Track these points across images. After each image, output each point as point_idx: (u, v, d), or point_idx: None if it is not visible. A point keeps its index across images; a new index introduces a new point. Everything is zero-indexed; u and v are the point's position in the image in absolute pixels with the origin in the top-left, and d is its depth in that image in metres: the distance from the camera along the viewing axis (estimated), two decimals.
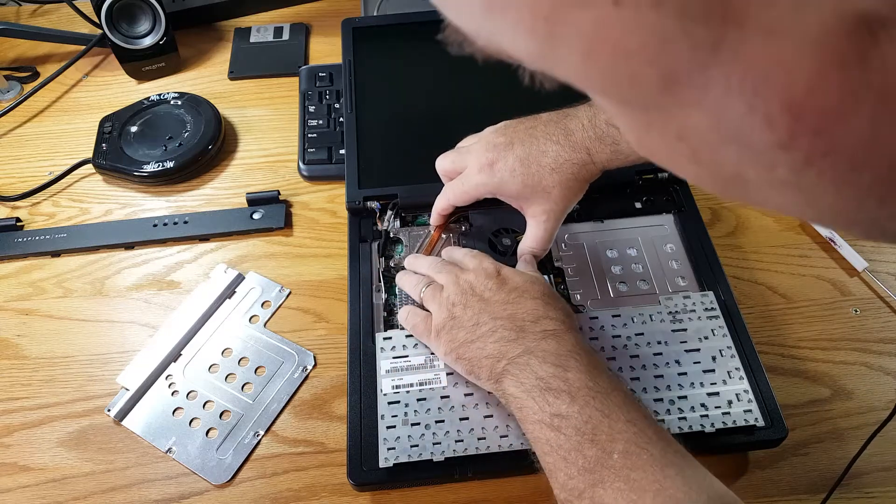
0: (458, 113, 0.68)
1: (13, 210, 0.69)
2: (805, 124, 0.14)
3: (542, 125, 0.53)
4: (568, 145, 0.51)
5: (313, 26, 0.86)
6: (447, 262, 0.54)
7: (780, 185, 0.16)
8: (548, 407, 0.41)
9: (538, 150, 0.51)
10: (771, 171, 0.16)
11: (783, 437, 0.49)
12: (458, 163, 0.55)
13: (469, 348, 0.47)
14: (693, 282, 0.57)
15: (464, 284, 0.50)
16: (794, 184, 0.16)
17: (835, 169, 0.15)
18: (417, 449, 0.47)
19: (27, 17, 0.88)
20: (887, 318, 0.59)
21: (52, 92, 0.79)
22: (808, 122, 0.14)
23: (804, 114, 0.14)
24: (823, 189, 0.16)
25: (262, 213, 0.66)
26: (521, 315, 0.46)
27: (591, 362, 0.43)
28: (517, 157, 0.52)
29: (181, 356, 0.57)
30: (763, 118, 0.14)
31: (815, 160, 0.15)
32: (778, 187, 0.17)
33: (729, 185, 0.18)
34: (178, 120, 0.72)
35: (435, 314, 0.50)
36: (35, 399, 0.56)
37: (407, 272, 0.55)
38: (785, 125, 0.14)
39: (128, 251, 0.65)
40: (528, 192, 0.52)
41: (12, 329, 0.60)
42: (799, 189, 0.16)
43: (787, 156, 0.15)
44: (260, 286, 0.62)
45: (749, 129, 0.15)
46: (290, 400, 0.55)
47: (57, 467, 0.52)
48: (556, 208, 0.52)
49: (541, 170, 0.51)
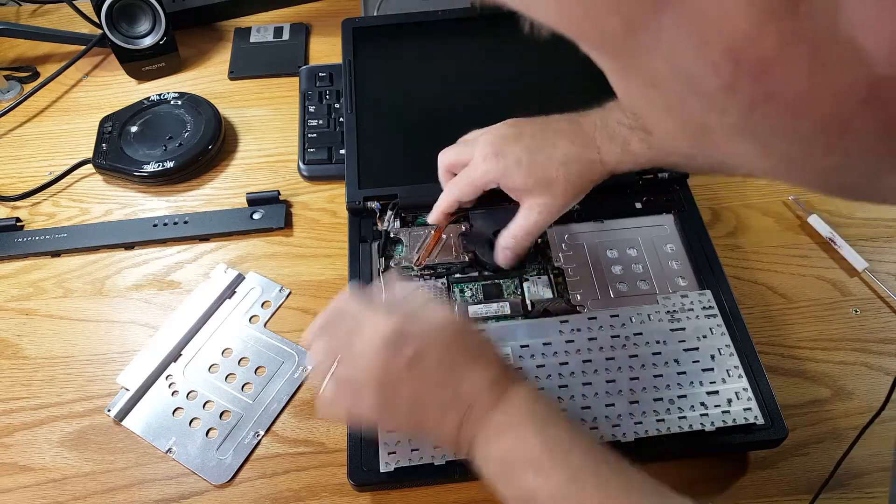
0: (459, 113, 0.68)
1: (13, 210, 0.69)
2: (745, 69, 0.15)
3: (553, 122, 0.52)
4: (579, 142, 0.50)
5: (313, 26, 0.86)
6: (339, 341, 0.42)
7: (735, 132, 0.18)
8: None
9: (549, 143, 0.51)
10: (724, 116, 0.17)
11: (783, 436, 0.49)
12: (464, 154, 0.54)
13: (416, 426, 0.42)
14: (693, 282, 0.57)
15: (365, 370, 0.40)
16: (745, 129, 0.18)
17: (778, 114, 0.16)
18: (418, 452, 0.47)
19: (27, 17, 0.88)
20: (887, 318, 0.59)
21: (52, 92, 0.79)
22: (748, 67, 0.15)
23: (743, 59, 0.15)
24: (771, 135, 0.17)
25: (262, 213, 0.66)
26: (443, 379, 0.40)
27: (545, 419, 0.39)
28: (525, 148, 0.51)
29: (181, 356, 0.57)
30: (710, 63, 0.16)
31: (758, 104, 0.16)
32: (735, 135, 0.18)
33: (698, 136, 0.20)
34: (178, 120, 0.72)
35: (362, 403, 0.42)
36: (35, 399, 0.56)
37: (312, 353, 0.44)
38: (728, 70, 0.16)
39: (128, 251, 0.65)
40: (532, 184, 0.51)
41: (12, 329, 0.60)
42: (752, 135, 0.18)
43: (733, 99, 0.16)
44: (260, 286, 0.62)
45: (699, 73, 0.16)
46: (290, 400, 0.55)
47: (57, 467, 0.52)
48: (554, 203, 0.51)
49: (548, 162, 0.50)
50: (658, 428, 0.48)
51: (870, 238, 0.63)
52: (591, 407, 0.49)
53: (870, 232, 0.64)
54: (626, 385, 0.50)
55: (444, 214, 0.56)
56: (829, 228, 0.63)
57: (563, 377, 0.50)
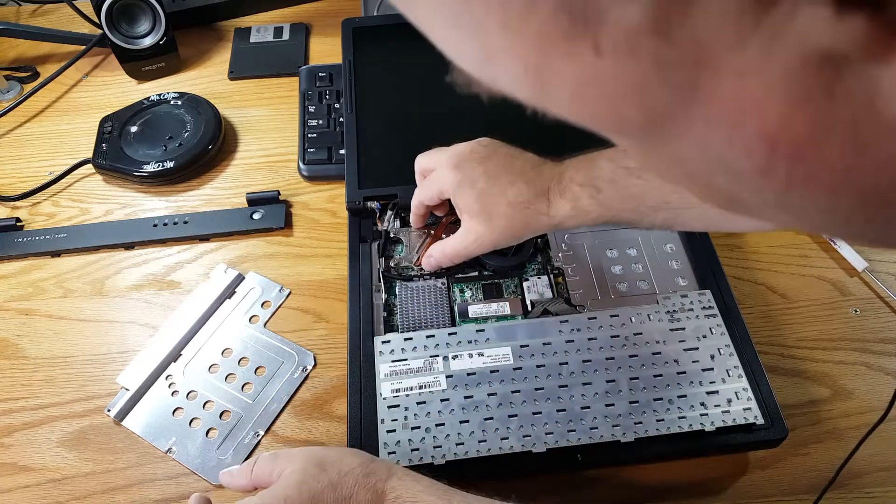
0: (458, 113, 0.68)
1: (13, 210, 0.69)
2: (780, 153, 0.15)
3: (521, 159, 0.53)
4: (533, 190, 0.51)
5: (313, 26, 0.86)
6: None
7: (771, 206, 0.18)
8: None
9: (507, 179, 0.51)
10: (759, 195, 0.17)
11: (783, 436, 0.49)
12: (433, 159, 0.55)
13: None
14: (693, 282, 0.57)
15: None
16: (782, 205, 0.17)
17: (816, 194, 0.16)
18: (418, 453, 0.47)
19: (27, 17, 0.88)
20: (887, 318, 0.59)
21: (52, 92, 0.79)
22: (783, 151, 0.15)
23: (778, 144, 0.15)
24: (810, 211, 0.17)
25: (262, 213, 0.66)
26: None
27: None
28: (485, 172, 0.51)
29: (181, 356, 0.57)
30: (742, 149, 0.16)
31: (795, 185, 0.16)
32: (771, 207, 0.18)
33: (731, 205, 0.20)
34: (178, 120, 0.72)
35: None
36: (35, 399, 0.56)
37: None
38: (763, 155, 0.15)
39: (128, 251, 0.65)
40: (476, 209, 0.51)
41: (12, 329, 0.60)
42: (788, 210, 0.18)
43: (768, 182, 0.16)
44: (260, 286, 0.62)
45: (732, 158, 0.16)
46: (290, 400, 0.55)
47: (57, 467, 0.52)
48: (490, 236, 0.52)
49: (499, 196, 0.51)
50: (658, 428, 0.48)
51: None
52: (591, 407, 0.49)
53: None
54: (626, 385, 0.50)
55: (416, 216, 0.58)
56: None
57: (563, 377, 0.50)
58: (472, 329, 0.53)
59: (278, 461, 0.42)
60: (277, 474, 0.41)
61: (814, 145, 0.15)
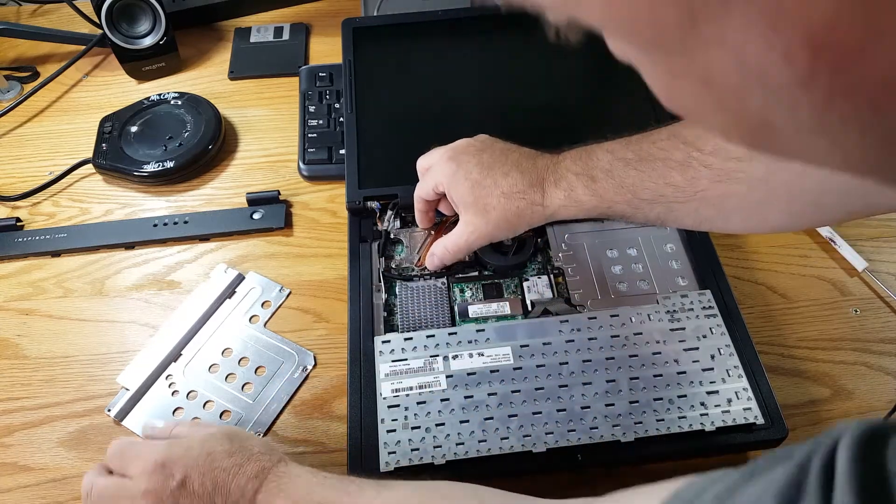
0: (458, 113, 0.68)
1: (13, 210, 0.69)
2: (824, 60, 0.14)
3: (515, 152, 0.53)
4: (527, 180, 0.51)
5: (313, 26, 0.86)
6: (109, 485, 0.44)
7: (805, 130, 0.16)
8: None
9: (502, 169, 0.51)
10: (794, 114, 0.16)
11: (783, 436, 0.49)
12: (431, 155, 0.56)
13: None
14: (693, 282, 0.57)
15: (146, 502, 0.42)
16: (817, 127, 0.16)
17: (857, 110, 0.15)
18: (418, 452, 0.47)
19: (27, 17, 0.88)
20: (887, 318, 0.59)
21: (52, 92, 0.79)
22: (828, 57, 0.14)
23: (823, 49, 0.14)
24: (847, 131, 0.16)
25: (263, 213, 0.66)
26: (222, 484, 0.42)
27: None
28: (480, 163, 0.52)
29: (181, 356, 0.57)
30: (782, 54, 0.14)
31: (836, 97, 0.15)
32: (804, 132, 0.17)
33: (756, 134, 0.18)
34: (178, 120, 0.72)
35: None
36: (35, 399, 0.56)
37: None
38: (805, 61, 0.14)
39: (128, 251, 0.65)
40: (471, 201, 0.51)
41: (12, 329, 0.60)
42: (823, 132, 0.16)
43: (808, 95, 0.15)
44: (260, 286, 0.62)
45: (769, 66, 0.15)
46: (290, 400, 0.55)
47: (57, 467, 0.52)
48: (486, 229, 0.52)
49: (494, 188, 0.51)
50: (658, 428, 0.48)
51: (870, 238, 0.63)
52: (591, 407, 0.49)
53: (870, 232, 0.64)
54: (626, 385, 0.50)
55: (419, 213, 0.58)
56: (828, 228, 0.63)
57: (563, 377, 0.50)
58: (472, 329, 0.53)
59: (197, 427, 0.47)
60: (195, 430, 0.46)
61: (861, 52, 0.13)
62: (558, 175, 0.51)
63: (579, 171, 0.50)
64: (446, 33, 0.72)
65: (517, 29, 0.71)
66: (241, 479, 0.41)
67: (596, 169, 0.50)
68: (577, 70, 0.71)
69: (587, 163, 0.51)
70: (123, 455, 0.45)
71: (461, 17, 0.73)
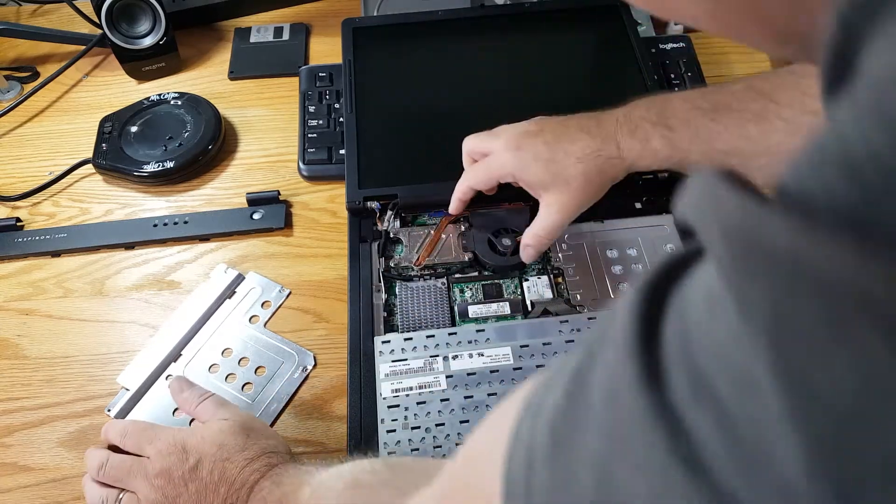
0: (458, 113, 0.68)
1: (13, 210, 0.69)
2: None
3: (576, 119, 0.52)
4: (599, 136, 0.50)
5: (313, 26, 0.86)
6: (126, 459, 0.46)
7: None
8: None
9: (568, 138, 0.51)
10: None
11: None
12: (486, 142, 0.54)
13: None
14: None
15: (159, 480, 0.44)
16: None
17: None
18: (418, 453, 0.47)
19: (27, 17, 0.88)
20: None
21: (52, 92, 0.79)
22: None
23: None
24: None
25: (263, 213, 0.66)
26: (231, 477, 0.43)
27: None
28: (544, 142, 0.51)
29: (181, 356, 0.57)
30: None
31: None
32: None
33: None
34: (178, 120, 0.72)
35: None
36: (35, 399, 0.56)
37: (88, 480, 0.47)
38: None
39: (128, 251, 0.65)
40: (549, 179, 0.51)
41: (12, 329, 0.60)
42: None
43: None
44: (260, 286, 0.62)
45: None
46: (290, 400, 0.55)
47: (57, 467, 0.52)
48: (571, 201, 0.51)
49: (566, 157, 0.50)
50: None
51: None
52: None
53: None
54: None
55: (460, 201, 0.57)
56: None
57: None
58: (472, 329, 0.53)
59: (220, 411, 0.47)
60: (214, 418, 0.47)
61: None
62: (633, 124, 0.50)
63: (655, 119, 0.49)
64: (446, 33, 0.72)
65: (517, 29, 0.71)
66: (246, 472, 0.43)
67: (672, 118, 0.49)
68: (577, 70, 0.71)
69: (662, 111, 0.49)
70: (140, 436, 0.46)
71: (461, 17, 0.73)
